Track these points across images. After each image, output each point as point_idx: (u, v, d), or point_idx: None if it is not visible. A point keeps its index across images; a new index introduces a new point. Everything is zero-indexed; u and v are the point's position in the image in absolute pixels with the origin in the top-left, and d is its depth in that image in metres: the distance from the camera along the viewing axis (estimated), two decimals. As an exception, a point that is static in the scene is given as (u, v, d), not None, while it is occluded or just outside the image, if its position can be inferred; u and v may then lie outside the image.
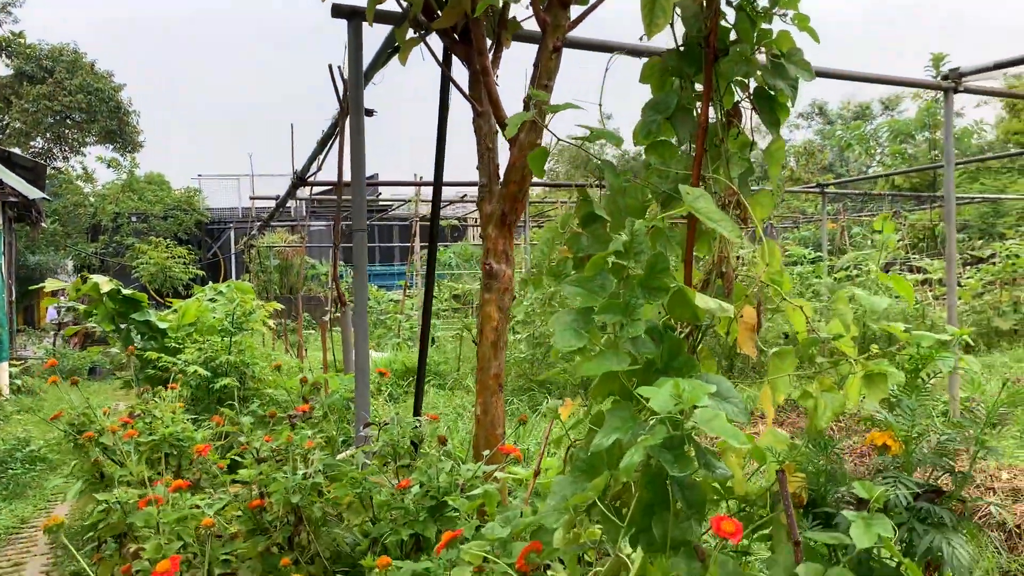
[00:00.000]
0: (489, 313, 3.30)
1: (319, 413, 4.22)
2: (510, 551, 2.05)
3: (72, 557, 6.62)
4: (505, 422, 3.33)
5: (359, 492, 2.82)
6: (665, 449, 1.67)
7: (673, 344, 1.74)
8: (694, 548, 1.67)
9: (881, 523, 1.54)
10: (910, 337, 1.87)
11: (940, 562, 1.63)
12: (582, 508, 1.78)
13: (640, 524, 1.73)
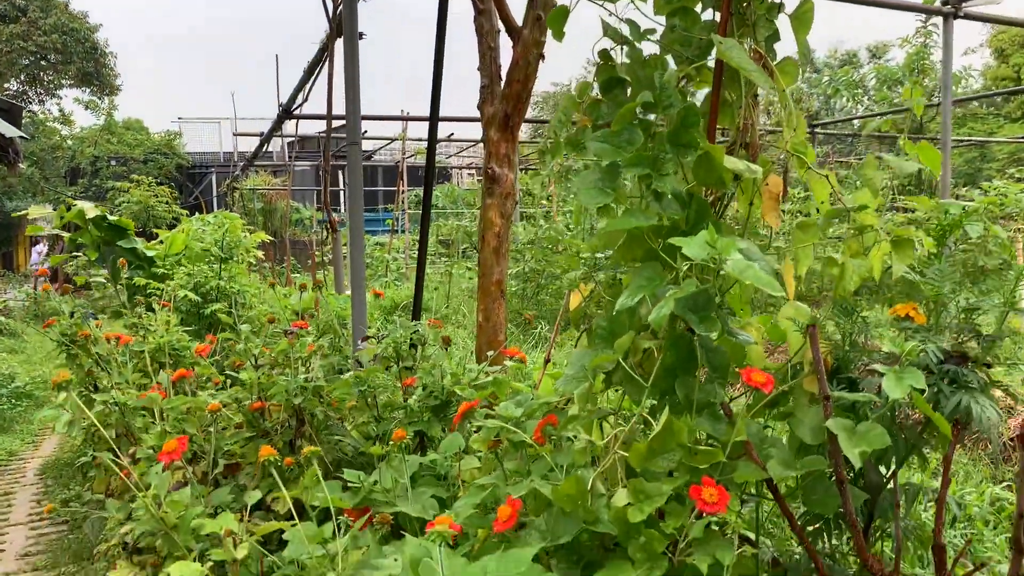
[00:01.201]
0: (491, 219, 3.24)
1: (314, 331, 4.17)
2: (524, 429, 2.03)
3: (62, 486, 6.61)
4: (506, 330, 3.30)
5: (363, 390, 2.78)
6: (691, 311, 1.64)
7: (700, 206, 1.69)
8: (720, 406, 1.64)
9: (913, 375, 1.52)
10: (937, 206, 1.83)
11: (968, 420, 1.61)
12: (602, 371, 1.75)
13: (663, 387, 1.70)
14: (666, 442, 1.57)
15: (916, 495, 1.77)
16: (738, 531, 1.50)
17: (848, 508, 1.58)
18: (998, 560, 2.48)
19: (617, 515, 1.53)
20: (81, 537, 5.70)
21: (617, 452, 1.66)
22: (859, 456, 1.48)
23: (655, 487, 1.53)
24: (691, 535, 1.51)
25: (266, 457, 1.71)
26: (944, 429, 1.54)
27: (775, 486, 1.64)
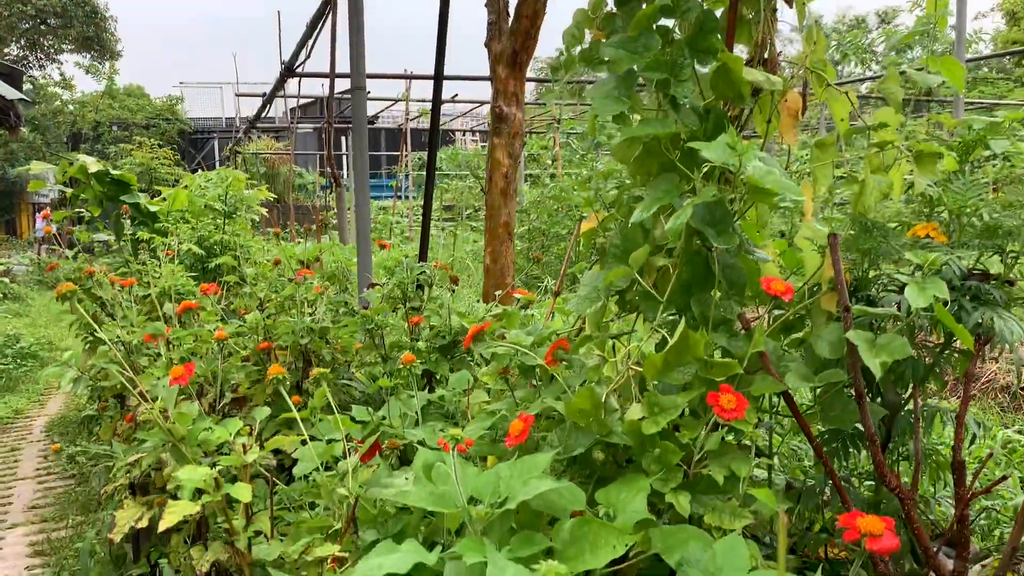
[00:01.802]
0: (499, 159, 3.19)
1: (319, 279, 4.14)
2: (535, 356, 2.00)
3: (68, 441, 6.63)
4: (514, 272, 3.26)
5: (370, 328, 2.76)
6: (709, 224, 1.60)
7: (719, 116, 1.65)
8: (738, 318, 1.61)
9: (936, 285, 1.49)
10: (960, 122, 1.78)
11: (990, 335, 1.58)
12: (616, 289, 1.71)
13: (678, 303, 1.66)
14: (682, 355, 1.54)
15: (933, 416, 1.74)
16: (756, 440, 1.48)
17: (867, 422, 1.55)
18: (1010, 496, 2.47)
19: (631, 428, 1.51)
20: (88, 490, 5.74)
21: (631, 368, 1.64)
22: (880, 366, 1.45)
23: (670, 400, 1.50)
24: (707, 447, 1.48)
25: (275, 375, 1.68)
26: (967, 341, 1.51)
27: (792, 400, 1.61)
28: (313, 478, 1.67)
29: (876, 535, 1.15)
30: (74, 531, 4.96)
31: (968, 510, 1.60)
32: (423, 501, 1.35)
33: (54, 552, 4.74)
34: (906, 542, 1.74)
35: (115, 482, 3.22)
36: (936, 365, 1.73)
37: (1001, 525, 2.23)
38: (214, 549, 2.27)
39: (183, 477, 1.26)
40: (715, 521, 1.43)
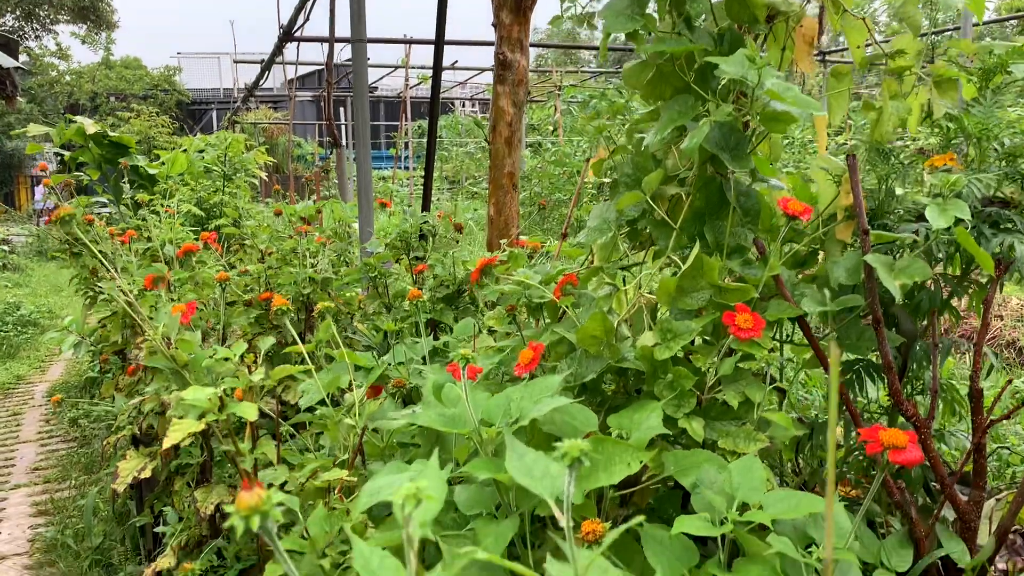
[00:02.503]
0: (502, 107, 3.13)
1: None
2: (543, 295, 1.96)
3: (70, 405, 6.62)
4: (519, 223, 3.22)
5: (373, 276, 2.72)
6: (723, 149, 1.56)
7: (734, 38, 1.60)
8: (753, 242, 1.58)
9: (957, 206, 1.45)
10: (981, 47, 1.73)
11: (1010, 260, 1.54)
12: (627, 219, 1.68)
13: (691, 231, 1.63)
14: (696, 280, 1.50)
15: (949, 349, 1.71)
16: (771, 363, 1.45)
17: (884, 349, 1.52)
18: (1018, 443, 2.45)
19: (643, 353, 1.48)
20: (91, 451, 5.74)
21: (643, 297, 1.60)
22: (900, 289, 1.42)
23: (684, 325, 1.47)
24: (721, 371, 1.45)
25: (280, 306, 1.65)
26: (987, 265, 1.47)
27: (807, 326, 1.58)
28: (319, 411, 1.65)
29: (899, 447, 1.12)
30: (77, 491, 4.97)
31: (985, 439, 1.58)
32: (434, 422, 1.32)
33: (57, 511, 4.74)
34: (919, 476, 1.72)
35: (118, 433, 3.20)
36: (954, 295, 1.70)
37: (1012, 467, 2.21)
38: (218, 491, 2.26)
39: (187, 397, 1.23)
40: (729, 445, 1.41)
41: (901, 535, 1.55)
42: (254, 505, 0.62)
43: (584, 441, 0.70)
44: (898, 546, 1.52)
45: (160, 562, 2.23)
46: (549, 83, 11.88)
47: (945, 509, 1.72)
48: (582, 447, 0.69)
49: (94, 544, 4.20)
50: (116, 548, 4.09)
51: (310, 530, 1.29)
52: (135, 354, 3.45)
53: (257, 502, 0.62)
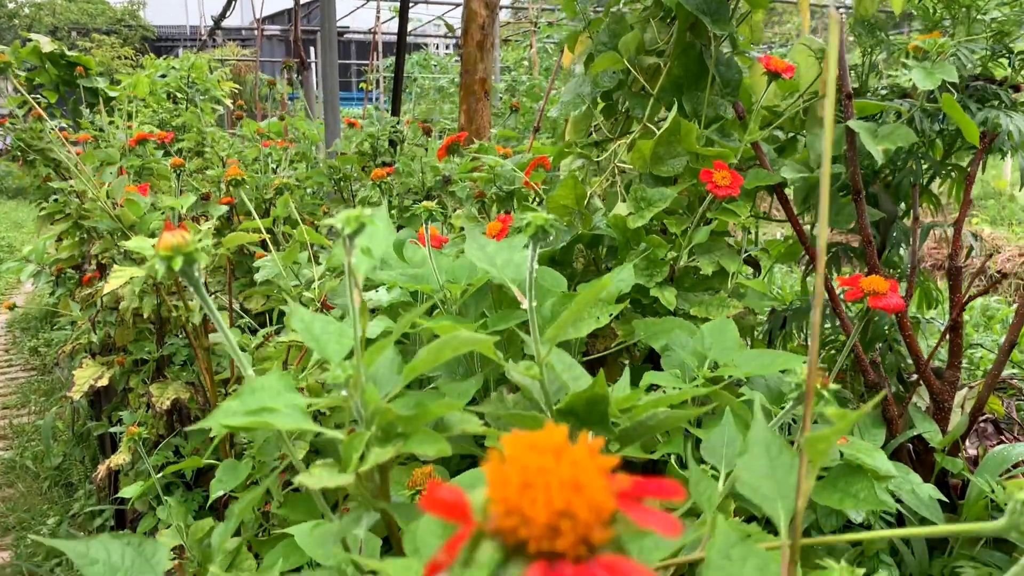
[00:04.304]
0: (475, 9, 3.01)
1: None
2: (514, 182, 1.89)
3: (30, 336, 6.47)
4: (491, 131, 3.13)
5: (337, 179, 2.63)
6: (704, 12, 1.48)
7: None
8: (733, 106, 1.51)
9: (944, 69, 1.39)
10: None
11: (995, 133, 1.49)
12: (602, 89, 1.60)
13: (669, 101, 1.56)
14: (672, 146, 1.44)
15: (927, 232, 1.67)
16: (749, 228, 1.39)
17: (863, 221, 1.47)
18: (988, 352, 2.45)
19: (616, 222, 1.41)
20: (51, 379, 5.62)
21: (617, 166, 1.53)
22: (883, 154, 1.36)
23: (658, 192, 1.40)
24: (695, 239, 1.40)
25: (233, 177, 1.56)
26: (972, 136, 1.42)
27: (785, 197, 1.52)
28: (279, 284, 1.57)
29: (880, 292, 1.07)
30: (37, 415, 4.87)
31: (962, 317, 1.54)
32: (396, 280, 1.25)
33: (16, 436, 4.65)
34: (893, 364, 1.69)
35: (75, 341, 3.10)
36: (935, 177, 1.66)
37: (984, 364, 2.20)
38: (174, 387, 2.18)
39: (131, 245, 1.14)
40: (701, 312, 1.36)
41: (874, 415, 1.52)
42: (177, 245, 0.55)
43: (549, 215, 0.63)
44: (871, 425, 1.49)
45: (114, 458, 2.16)
46: (526, 22, 11.61)
47: (917, 400, 1.70)
48: (546, 217, 0.63)
49: (53, 464, 4.12)
50: (76, 467, 4.02)
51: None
52: (91, 264, 3.34)
53: (180, 242, 0.55)
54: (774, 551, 0.46)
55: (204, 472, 2.34)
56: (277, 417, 0.52)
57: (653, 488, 0.26)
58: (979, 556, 1.33)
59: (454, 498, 0.26)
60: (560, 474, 0.25)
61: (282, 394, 0.54)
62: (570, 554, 0.24)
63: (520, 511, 0.25)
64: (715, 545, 0.44)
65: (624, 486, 0.26)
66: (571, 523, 0.24)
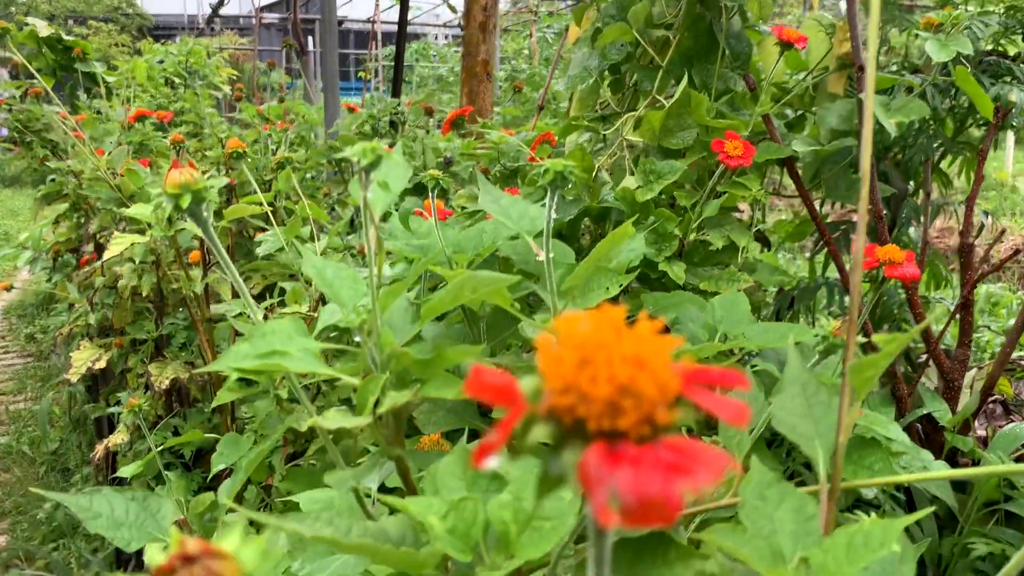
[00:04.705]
0: (478, -9, 2.98)
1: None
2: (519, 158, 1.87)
3: (27, 322, 6.43)
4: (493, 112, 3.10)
5: (336, 159, 2.60)
6: (713, -17, 1.46)
7: None
8: (744, 78, 1.49)
9: (958, 41, 1.37)
10: None
11: (1009, 108, 1.47)
12: (610, 62, 1.57)
13: (679, 74, 1.53)
14: (682, 118, 1.41)
15: (938, 210, 1.65)
16: (761, 200, 1.37)
17: (875, 197, 1.45)
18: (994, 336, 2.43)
19: (625, 195, 1.39)
20: (48, 365, 5.59)
21: (625, 140, 1.51)
22: (896, 126, 1.34)
23: (667, 164, 1.38)
24: (705, 213, 1.37)
25: (235, 149, 1.53)
26: (986, 109, 1.40)
27: (796, 172, 1.50)
28: (280, 259, 1.55)
29: (896, 262, 1.05)
30: (33, 401, 4.84)
31: (973, 296, 1.52)
32: (402, 250, 1.22)
33: (12, 421, 4.62)
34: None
35: (72, 323, 3.08)
36: (946, 155, 1.64)
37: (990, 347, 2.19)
38: (173, 367, 2.16)
39: (132, 212, 1.12)
40: (711, 286, 1.34)
41: (883, 393, 1.50)
42: (185, 182, 0.53)
43: (568, 162, 0.61)
44: (880, 403, 1.47)
45: (112, 438, 2.14)
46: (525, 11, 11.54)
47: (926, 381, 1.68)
48: (564, 163, 0.60)
49: (50, 449, 4.09)
50: (72, 452, 4.00)
51: (265, 360, 1.19)
52: (89, 246, 3.31)
53: (188, 179, 0.53)
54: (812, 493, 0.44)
55: (202, 455, 2.32)
56: (289, 360, 0.50)
57: (716, 376, 0.24)
58: (991, 533, 1.31)
59: (502, 381, 0.24)
60: (622, 349, 0.23)
61: (294, 338, 0.51)
62: (633, 434, 0.22)
63: (578, 388, 0.23)
64: (750, 484, 0.42)
65: (687, 369, 0.24)
66: (634, 401, 0.22)
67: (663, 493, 0.20)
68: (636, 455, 0.21)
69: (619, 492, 0.20)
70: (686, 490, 0.20)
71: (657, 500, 0.20)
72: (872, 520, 0.45)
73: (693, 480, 0.21)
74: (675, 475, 0.21)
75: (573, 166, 0.59)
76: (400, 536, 0.43)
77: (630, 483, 0.20)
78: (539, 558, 0.42)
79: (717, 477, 0.21)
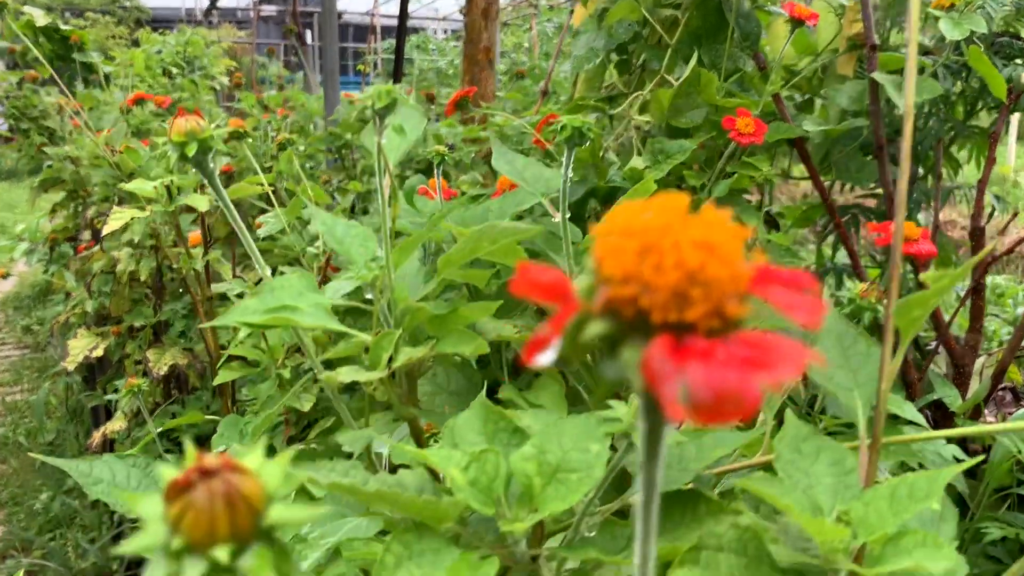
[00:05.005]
0: (480, -22, 2.96)
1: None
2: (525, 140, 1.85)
3: (23, 314, 6.41)
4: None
5: (338, 146, 2.58)
6: (723, -40, 1.44)
7: None
8: (754, 56, 1.47)
9: (972, 19, 1.35)
10: None
11: (1021, 89, 1.45)
12: (618, 41, 1.55)
13: (687, 54, 1.51)
14: (691, 97, 1.39)
15: (949, 193, 1.63)
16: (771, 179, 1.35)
17: (885, 178, 1.43)
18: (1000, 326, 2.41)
19: (633, 175, 1.37)
20: (44, 357, 5.56)
21: (633, 119, 1.49)
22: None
23: (676, 144, 1.36)
24: (715, 194, 1.35)
25: (235, 128, 1.51)
26: (999, 89, 1.38)
27: (806, 152, 1.48)
28: (282, 241, 1.52)
29: (912, 238, 1.03)
30: (30, 392, 4.81)
31: (984, 280, 1.51)
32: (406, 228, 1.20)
33: (9, 412, 4.59)
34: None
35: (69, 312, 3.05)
36: (957, 138, 1.62)
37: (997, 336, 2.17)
38: (172, 353, 2.13)
39: (131, 186, 1.10)
40: (722, 267, 1.31)
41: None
42: (191, 130, 0.50)
43: (585, 118, 0.58)
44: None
45: (110, 425, 2.12)
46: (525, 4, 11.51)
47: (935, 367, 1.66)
48: (583, 120, 0.58)
49: (46, 440, 4.07)
50: (69, 443, 3.97)
51: (268, 339, 1.18)
52: (87, 234, 3.29)
53: (194, 127, 0.50)
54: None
55: (202, 443, 2.30)
56: (299, 315, 0.48)
57: (786, 276, 0.22)
58: (1003, 518, 1.30)
59: (552, 278, 0.22)
60: (690, 234, 0.21)
61: (304, 293, 0.49)
62: (702, 326, 0.20)
63: (640, 277, 0.20)
64: (785, 438, 0.40)
65: (754, 265, 0.22)
66: (704, 290, 0.20)
67: (741, 386, 0.18)
68: (706, 349, 0.19)
69: (691, 386, 0.18)
70: (765, 384, 0.18)
71: (734, 393, 0.18)
72: (916, 472, 0.43)
73: (773, 373, 0.19)
74: (753, 368, 0.19)
75: (591, 123, 0.57)
76: (419, 488, 0.41)
77: (703, 376, 0.18)
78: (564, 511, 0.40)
79: (799, 371, 0.19)
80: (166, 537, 0.20)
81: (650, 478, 0.23)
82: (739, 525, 0.37)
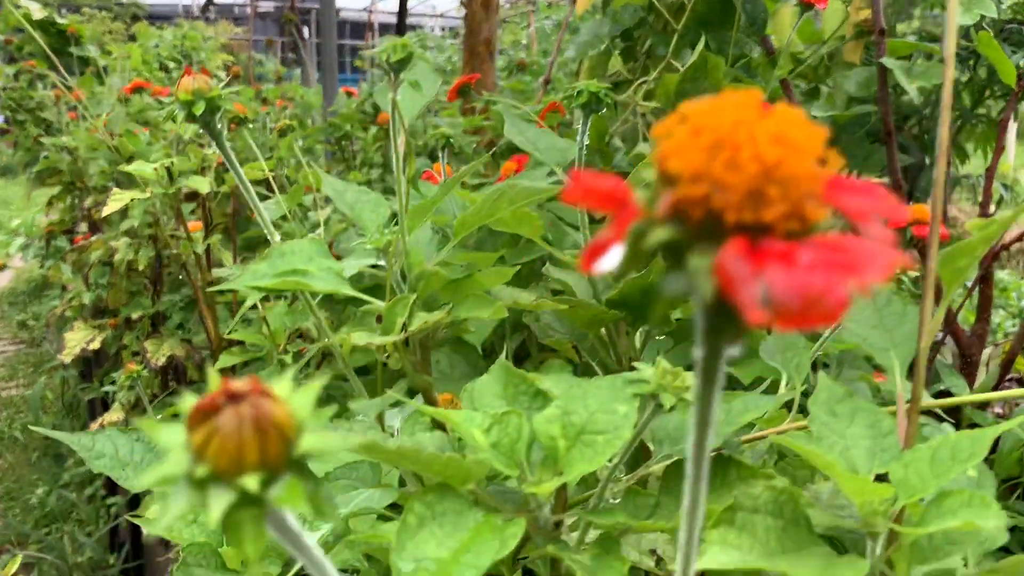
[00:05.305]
0: (481, -31, 2.94)
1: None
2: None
3: (19, 310, 6.38)
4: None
5: (338, 137, 2.56)
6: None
7: None
8: (762, 40, 1.45)
9: (982, 4, 1.33)
10: None
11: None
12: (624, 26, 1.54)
13: (693, 40, 1.50)
14: (698, 82, 1.38)
15: (956, 183, 1.62)
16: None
17: (893, 165, 1.42)
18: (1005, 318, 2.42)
19: (638, 161, 1.35)
20: (40, 352, 5.54)
21: (640, 106, 1.48)
22: (918, 91, 1.31)
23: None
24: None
25: (236, 114, 1.49)
26: (1008, 75, 1.37)
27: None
28: (285, 228, 1.51)
29: (926, 222, 1.02)
30: (26, 387, 4.79)
31: (992, 268, 1.49)
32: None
33: (4, 407, 4.57)
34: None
35: (66, 304, 3.03)
36: (964, 126, 1.61)
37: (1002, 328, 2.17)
38: (170, 343, 2.12)
39: (132, 168, 1.08)
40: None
41: (899, 368, 1.47)
42: (198, 88, 0.49)
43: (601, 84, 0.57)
44: (896, 377, 1.44)
45: (107, 416, 2.10)
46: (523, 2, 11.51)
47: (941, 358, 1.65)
48: (599, 85, 0.57)
49: (42, 435, 4.05)
50: (66, 437, 3.95)
51: (270, 323, 1.16)
52: (84, 226, 3.26)
53: (202, 85, 0.49)
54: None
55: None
56: (311, 279, 0.46)
57: (858, 186, 0.21)
58: (1012, 507, 1.28)
59: (609, 184, 0.20)
60: (766, 127, 0.19)
61: (315, 258, 0.48)
62: (780, 228, 0.19)
63: (711, 175, 0.19)
64: (819, 400, 0.38)
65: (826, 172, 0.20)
66: (781, 189, 0.19)
67: (828, 288, 0.17)
68: (785, 251, 0.18)
69: (772, 290, 0.17)
70: (853, 287, 0.17)
71: (821, 296, 0.17)
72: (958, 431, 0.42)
73: (861, 275, 0.17)
74: (839, 269, 0.17)
75: (608, 88, 0.55)
76: (440, 448, 0.40)
77: (786, 279, 0.17)
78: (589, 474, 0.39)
79: (888, 274, 0.17)
80: (189, 465, 0.19)
81: (704, 413, 0.21)
82: (774, 488, 0.36)
